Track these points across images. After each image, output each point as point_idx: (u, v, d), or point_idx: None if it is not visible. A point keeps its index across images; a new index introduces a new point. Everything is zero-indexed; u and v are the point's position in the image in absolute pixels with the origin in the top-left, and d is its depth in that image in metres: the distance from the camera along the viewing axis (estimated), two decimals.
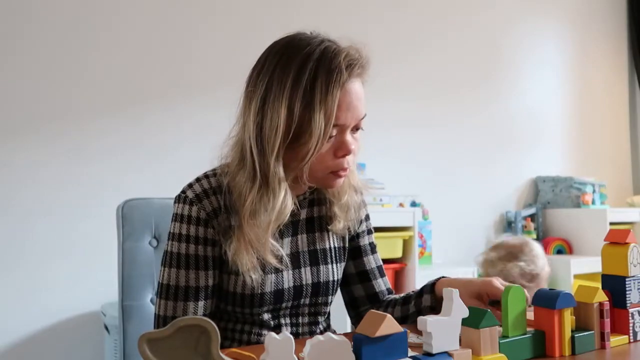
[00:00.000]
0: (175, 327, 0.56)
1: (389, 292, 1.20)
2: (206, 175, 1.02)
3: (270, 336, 0.60)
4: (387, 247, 2.37)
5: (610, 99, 3.95)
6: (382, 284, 1.18)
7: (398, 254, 2.41)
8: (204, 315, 0.99)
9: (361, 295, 1.18)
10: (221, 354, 0.58)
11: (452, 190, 3.15)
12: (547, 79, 3.65)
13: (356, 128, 0.98)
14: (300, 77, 0.91)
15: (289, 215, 0.97)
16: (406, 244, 2.43)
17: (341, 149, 0.95)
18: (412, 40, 3.09)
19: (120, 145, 2.30)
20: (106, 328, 2.02)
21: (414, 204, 2.84)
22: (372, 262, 1.17)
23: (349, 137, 0.96)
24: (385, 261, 2.37)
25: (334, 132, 0.94)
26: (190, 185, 1.01)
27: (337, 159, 0.96)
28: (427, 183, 3.02)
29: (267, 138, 0.92)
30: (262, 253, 0.96)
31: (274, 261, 0.97)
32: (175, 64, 2.43)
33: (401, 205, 2.79)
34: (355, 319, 1.21)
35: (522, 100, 3.50)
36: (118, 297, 1.28)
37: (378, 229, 2.32)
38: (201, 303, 0.99)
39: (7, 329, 2.08)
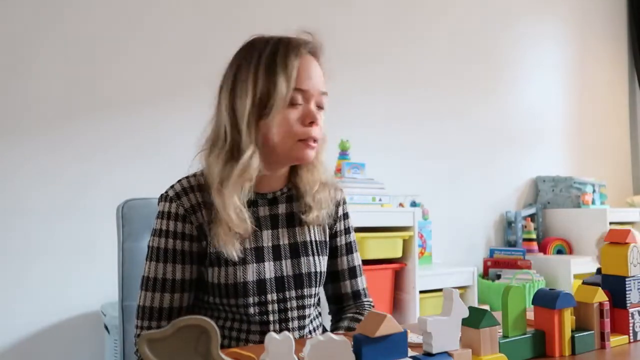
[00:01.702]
0: (175, 327, 0.56)
1: (356, 295, 1.22)
2: (187, 177, 1.10)
3: (270, 336, 0.60)
4: (387, 247, 2.37)
5: (610, 98, 3.95)
6: (349, 286, 1.22)
7: (398, 254, 2.41)
8: (180, 307, 1.05)
9: (328, 295, 1.25)
10: (221, 354, 0.58)
11: (452, 190, 3.15)
12: (547, 79, 3.65)
13: (319, 106, 1.07)
14: (262, 55, 1.04)
15: (254, 176, 1.02)
16: (406, 244, 2.43)
17: (308, 116, 1.04)
18: (411, 40, 3.09)
19: (120, 146, 2.30)
20: (106, 328, 2.02)
21: (414, 204, 2.84)
22: (344, 263, 1.22)
23: (314, 107, 1.05)
24: (385, 261, 2.38)
25: (299, 100, 1.03)
26: (172, 186, 1.09)
27: (304, 127, 1.04)
28: (427, 183, 3.02)
29: (238, 108, 1.03)
30: (227, 216, 1.00)
31: (234, 218, 1.00)
32: (177, 65, 2.43)
33: (401, 205, 2.79)
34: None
35: (522, 100, 3.50)
36: (118, 297, 1.28)
37: (378, 229, 2.33)
38: (177, 295, 1.04)
39: (7, 328, 2.08)
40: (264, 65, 1.02)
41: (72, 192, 2.21)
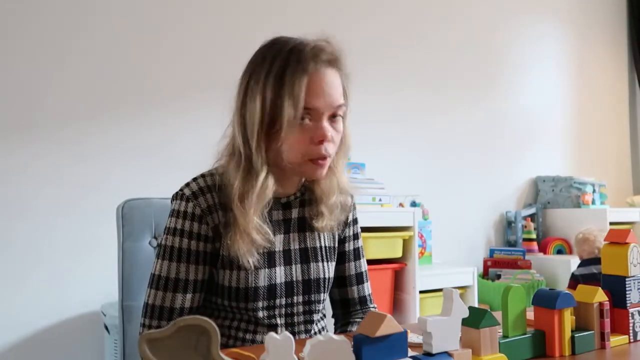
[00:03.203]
0: (175, 327, 0.56)
1: (362, 300, 1.22)
2: (202, 175, 1.07)
3: (270, 336, 0.60)
4: (387, 247, 2.37)
5: (610, 98, 3.95)
6: (356, 291, 1.21)
7: (398, 254, 2.41)
8: (191, 307, 1.03)
9: (335, 299, 1.24)
10: (221, 354, 0.58)
11: (452, 190, 3.15)
12: (548, 79, 3.65)
13: (334, 116, 1.02)
14: (271, 69, 0.99)
15: (271, 196, 1.02)
16: (406, 244, 2.43)
17: (317, 135, 0.99)
18: (411, 40, 3.09)
19: (120, 145, 2.30)
20: (106, 328, 2.02)
21: (414, 204, 2.84)
22: (352, 269, 1.22)
23: (325, 124, 1.00)
24: (385, 261, 2.38)
25: (308, 119, 0.99)
26: (187, 184, 1.06)
27: (313, 145, 1.00)
28: (427, 183, 3.02)
29: (248, 126, 1.00)
30: (248, 232, 1.00)
31: (258, 238, 1.00)
32: (177, 64, 2.43)
33: (401, 205, 2.79)
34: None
35: (522, 100, 3.50)
36: (118, 297, 1.28)
37: (378, 229, 2.33)
38: (189, 295, 1.02)
39: (8, 328, 2.08)
40: (271, 82, 0.98)
41: (72, 192, 2.20)
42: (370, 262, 2.30)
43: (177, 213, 1.04)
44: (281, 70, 0.98)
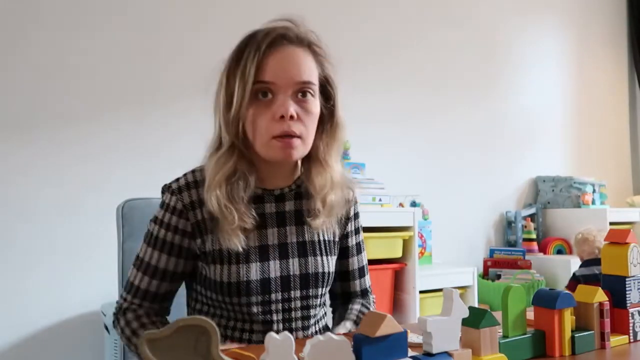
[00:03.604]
0: (175, 327, 0.56)
1: (364, 292, 1.23)
2: (193, 170, 1.10)
3: (270, 336, 0.60)
4: (387, 247, 2.37)
5: (610, 98, 3.95)
6: (358, 285, 1.23)
7: (398, 254, 2.41)
8: (164, 293, 1.08)
9: (336, 292, 1.24)
10: (221, 354, 0.58)
11: (452, 190, 3.15)
12: (548, 79, 3.65)
13: (303, 95, 1.02)
14: (233, 54, 1.05)
15: (227, 171, 1.01)
16: (406, 244, 2.43)
17: (277, 111, 0.99)
18: (411, 40, 3.09)
19: (120, 146, 2.30)
20: (106, 328, 2.02)
21: (414, 204, 2.84)
22: (354, 263, 1.22)
23: (287, 100, 1.00)
24: (385, 261, 2.38)
25: (270, 95, 1.00)
26: (177, 178, 1.09)
27: (275, 121, 0.99)
28: (427, 183, 3.02)
29: (215, 103, 1.07)
30: (220, 210, 0.99)
31: (230, 215, 0.99)
32: (177, 64, 2.43)
33: (401, 205, 2.79)
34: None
35: (522, 100, 3.50)
36: (118, 297, 1.28)
37: (378, 229, 2.33)
38: (155, 282, 1.07)
39: (8, 328, 2.08)
40: (232, 60, 1.04)
41: (72, 192, 2.20)
42: (370, 262, 2.29)
43: (163, 204, 1.08)
44: (240, 49, 1.03)
